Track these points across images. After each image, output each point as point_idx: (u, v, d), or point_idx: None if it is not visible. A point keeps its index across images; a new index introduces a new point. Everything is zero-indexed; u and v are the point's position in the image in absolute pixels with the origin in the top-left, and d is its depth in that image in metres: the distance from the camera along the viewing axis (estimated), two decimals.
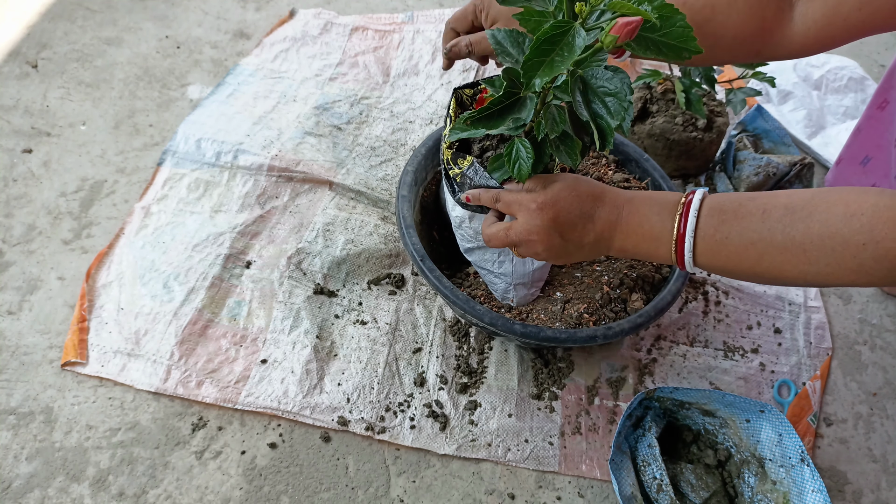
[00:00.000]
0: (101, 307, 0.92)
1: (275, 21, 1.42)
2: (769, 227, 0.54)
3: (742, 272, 0.58)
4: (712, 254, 0.58)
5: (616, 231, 0.64)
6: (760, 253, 0.55)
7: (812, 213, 0.52)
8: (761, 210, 0.55)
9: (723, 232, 0.57)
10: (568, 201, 0.64)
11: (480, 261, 0.84)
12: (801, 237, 0.52)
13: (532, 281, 0.83)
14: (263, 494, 0.79)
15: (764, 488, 0.79)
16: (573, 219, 0.64)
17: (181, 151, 1.12)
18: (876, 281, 0.51)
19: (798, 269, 0.53)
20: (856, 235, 0.49)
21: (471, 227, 0.79)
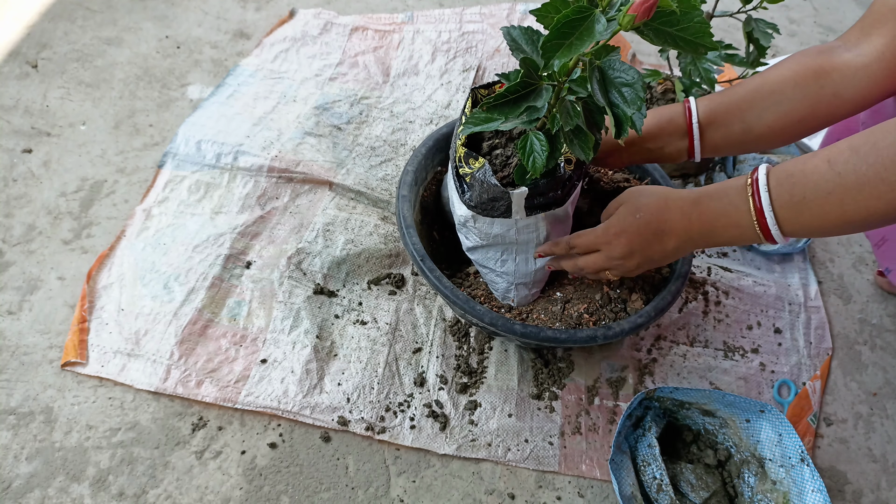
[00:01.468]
0: (102, 308, 0.92)
1: (275, 21, 1.42)
2: (839, 172, 0.54)
3: (831, 225, 0.57)
4: (796, 218, 0.58)
5: (694, 234, 0.66)
6: (840, 200, 0.55)
7: (876, 144, 0.52)
8: (826, 161, 0.55)
9: (798, 194, 0.57)
10: (635, 228, 0.68)
11: (483, 259, 0.84)
12: (877, 167, 0.52)
13: (533, 281, 0.83)
14: (263, 494, 0.79)
15: (764, 488, 0.79)
16: (647, 239, 0.68)
17: (182, 154, 1.12)
18: None
19: (882, 200, 0.53)
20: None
21: (475, 226, 0.79)
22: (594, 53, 0.55)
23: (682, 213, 0.66)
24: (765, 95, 0.73)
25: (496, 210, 0.73)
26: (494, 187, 0.71)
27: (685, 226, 0.66)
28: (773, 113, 0.73)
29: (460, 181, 0.75)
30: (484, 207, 0.74)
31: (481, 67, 1.35)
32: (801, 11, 1.72)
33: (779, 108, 0.72)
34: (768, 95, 0.73)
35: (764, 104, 0.73)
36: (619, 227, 0.69)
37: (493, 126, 0.62)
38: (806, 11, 1.73)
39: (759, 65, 1.03)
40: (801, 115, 0.72)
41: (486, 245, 0.81)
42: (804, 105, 0.72)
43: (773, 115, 0.73)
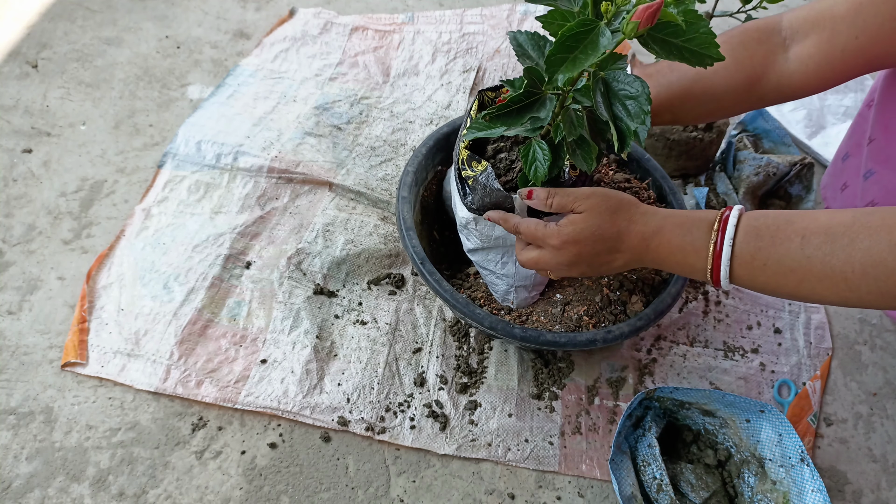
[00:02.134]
0: (102, 308, 0.92)
1: (275, 21, 1.42)
2: (808, 255, 0.53)
3: (780, 294, 0.57)
4: (750, 278, 0.58)
5: (646, 259, 0.65)
6: (799, 280, 0.54)
7: (853, 241, 0.51)
8: (800, 236, 0.53)
9: (760, 258, 0.56)
10: (591, 241, 0.64)
11: (483, 261, 0.84)
12: (842, 265, 0.51)
13: (533, 284, 0.83)
14: (263, 494, 0.79)
15: (764, 488, 0.79)
16: (597, 252, 0.65)
17: (181, 154, 1.12)
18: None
19: (838, 296, 0.53)
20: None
21: (476, 229, 0.79)
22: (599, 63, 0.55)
23: (642, 238, 0.64)
24: (697, 95, 0.73)
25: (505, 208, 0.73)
26: (497, 191, 0.70)
27: (641, 249, 0.64)
28: (704, 110, 0.75)
29: (462, 183, 0.75)
30: (486, 210, 0.74)
31: (482, 68, 1.35)
32: None
33: (708, 106, 0.74)
34: (700, 95, 0.73)
35: (695, 103, 0.74)
36: (574, 235, 0.65)
37: (496, 133, 0.62)
38: None
39: None
40: (729, 110, 0.75)
41: (487, 247, 0.81)
42: (733, 104, 0.74)
43: (703, 112, 0.75)
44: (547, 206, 0.67)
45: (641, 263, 0.66)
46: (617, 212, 0.65)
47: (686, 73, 0.73)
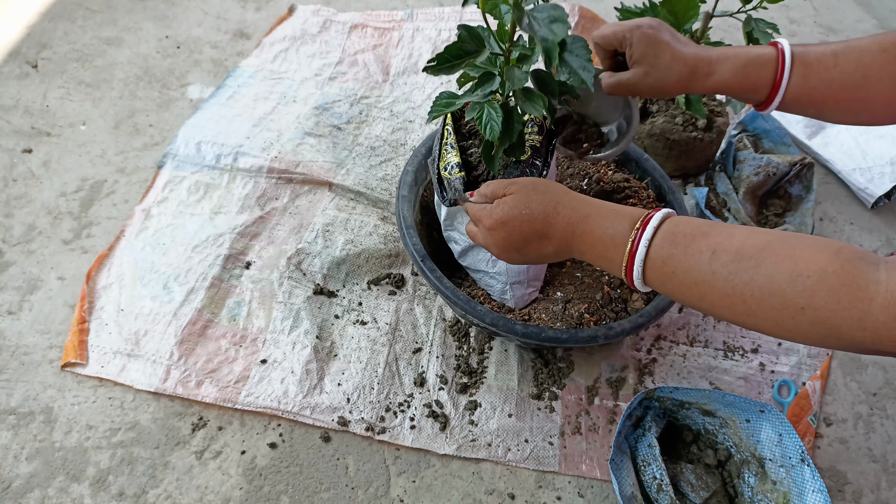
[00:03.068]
0: (102, 308, 0.92)
1: (274, 21, 1.42)
2: (713, 271, 0.52)
3: (686, 304, 0.57)
4: (659, 282, 0.57)
5: (573, 248, 0.64)
6: (702, 294, 0.53)
7: (759, 265, 0.50)
8: (711, 250, 0.53)
9: (670, 265, 0.55)
10: (518, 222, 0.64)
11: (474, 263, 0.84)
12: (742, 287, 0.50)
13: (528, 279, 0.83)
14: (263, 494, 0.79)
15: (764, 488, 0.79)
16: (526, 237, 0.65)
17: (181, 154, 1.12)
18: (812, 342, 0.49)
19: (737, 317, 0.52)
20: (796, 298, 0.47)
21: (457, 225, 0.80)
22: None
23: (568, 224, 0.63)
24: (855, 100, 0.69)
25: None
26: (459, 191, 0.74)
27: (567, 237, 0.64)
28: (853, 114, 0.70)
29: (441, 185, 0.77)
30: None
31: None
32: (801, 11, 1.72)
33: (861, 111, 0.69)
34: (858, 101, 0.69)
35: (849, 107, 0.70)
36: (503, 216, 0.65)
37: (454, 107, 0.68)
38: (806, 11, 1.73)
39: None
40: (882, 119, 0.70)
41: (475, 245, 0.81)
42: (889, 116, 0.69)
43: (852, 115, 0.70)
44: (482, 197, 0.69)
45: (570, 253, 0.65)
46: (545, 193, 0.65)
47: (852, 73, 0.68)
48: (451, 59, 0.65)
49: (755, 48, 0.72)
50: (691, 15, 0.95)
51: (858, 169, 1.22)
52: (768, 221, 1.15)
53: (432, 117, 0.69)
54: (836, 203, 1.22)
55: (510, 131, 0.68)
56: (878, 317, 0.43)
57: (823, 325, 0.46)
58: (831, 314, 0.46)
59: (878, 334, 0.44)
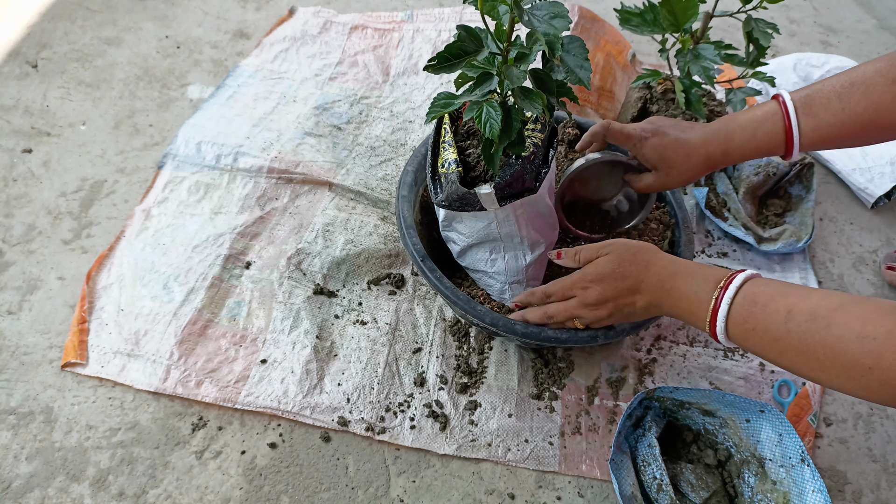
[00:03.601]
0: (102, 308, 0.92)
1: (274, 21, 1.42)
2: (789, 329, 0.57)
3: (769, 360, 0.61)
4: (740, 339, 0.62)
5: (662, 304, 0.70)
6: (781, 350, 0.58)
7: (830, 325, 0.53)
8: (787, 310, 0.57)
9: (750, 324, 0.60)
10: (612, 279, 0.72)
11: (473, 262, 0.84)
12: (815, 346, 0.54)
13: (527, 278, 0.83)
14: (263, 494, 0.79)
15: (764, 488, 0.79)
16: (621, 292, 0.72)
17: (181, 155, 1.12)
18: (883, 401, 0.52)
19: (814, 374, 0.56)
20: (864, 358, 0.50)
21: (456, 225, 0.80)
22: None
23: (658, 280, 0.70)
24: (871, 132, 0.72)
25: (469, 207, 0.75)
26: (459, 187, 0.73)
27: (657, 293, 0.70)
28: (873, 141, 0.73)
29: (436, 182, 0.77)
30: (458, 205, 0.75)
31: None
32: (801, 11, 1.72)
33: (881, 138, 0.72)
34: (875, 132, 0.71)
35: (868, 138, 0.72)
36: (596, 274, 0.72)
37: (453, 107, 0.69)
38: (806, 11, 1.73)
39: (759, 64, 1.03)
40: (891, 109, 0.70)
41: (473, 245, 0.81)
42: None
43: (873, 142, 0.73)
44: (575, 262, 0.77)
45: (659, 309, 0.72)
46: (637, 253, 0.72)
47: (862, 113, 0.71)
48: (451, 59, 0.66)
49: (758, 109, 0.76)
50: (691, 15, 0.95)
51: (858, 169, 1.22)
52: (768, 222, 1.15)
53: (431, 117, 0.70)
54: (836, 203, 1.22)
55: (509, 129, 0.69)
56: None
57: (891, 385, 0.49)
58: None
59: None
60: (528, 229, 0.78)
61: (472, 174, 0.77)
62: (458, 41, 0.65)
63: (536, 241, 0.80)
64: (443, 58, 0.65)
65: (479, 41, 0.66)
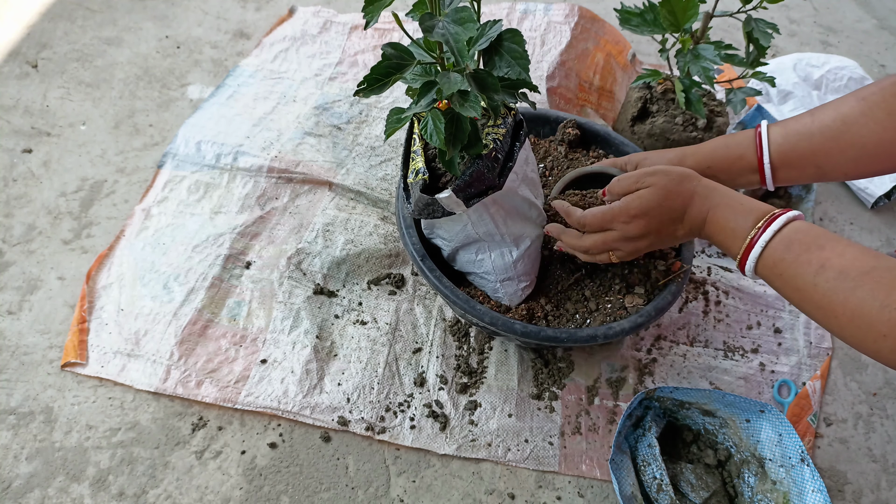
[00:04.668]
0: (102, 308, 0.92)
1: (274, 21, 1.42)
2: (815, 283, 0.58)
3: (787, 300, 0.63)
4: (767, 278, 0.64)
5: (703, 232, 0.71)
6: (802, 298, 0.60)
7: (856, 288, 0.55)
8: (820, 264, 0.58)
9: (780, 269, 0.61)
10: (658, 212, 0.71)
11: (463, 265, 0.84)
12: (837, 305, 0.56)
13: (517, 274, 0.83)
14: (263, 494, 0.79)
15: (764, 488, 0.79)
16: (665, 223, 0.71)
17: (181, 154, 1.12)
18: (891, 365, 0.53)
19: (828, 325, 0.58)
20: (881, 325, 0.52)
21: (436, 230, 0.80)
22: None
23: (700, 212, 0.70)
24: (844, 147, 0.72)
25: (437, 212, 0.74)
26: (421, 195, 0.73)
27: (698, 223, 0.70)
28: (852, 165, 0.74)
29: (406, 192, 0.77)
30: (427, 212, 0.75)
31: None
32: (801, 11, 1.72)
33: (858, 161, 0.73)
34: (847, 148, 0.72)
35: (841, 156, 0.73)
36: (640, 208, 0.71)
37: (404, 122, 0.69)
38: (806, 11, 1.73)
39: (759, 64, 1.03)
40: (883, 166, 0.73)
41: (459, 248, 0.81)
42: (887, 158, 0.72)
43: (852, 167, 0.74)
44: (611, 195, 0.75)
45: (698, 235, 0.72)
46: (681, 183, 0.71)
47: (830, 124, 0.73)
48: (381, 78, 0.65)
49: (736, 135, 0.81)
50: (690, 15, 0.95)
51: None
52: None
53: (387, 135, 0.70)
54: (836, 203, 1.22)
55: (460, 134, 0.69)
56: None
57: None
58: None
59: None
60: (507, 225, 0.78)
61: (443, 180, 0.76)
62: (383, 59, 0.65)
63: (519, 235, 0.80)
64: (372, 80, 0.65)
65: (409, 54, 0.66)
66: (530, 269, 0.85)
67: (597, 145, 1.03)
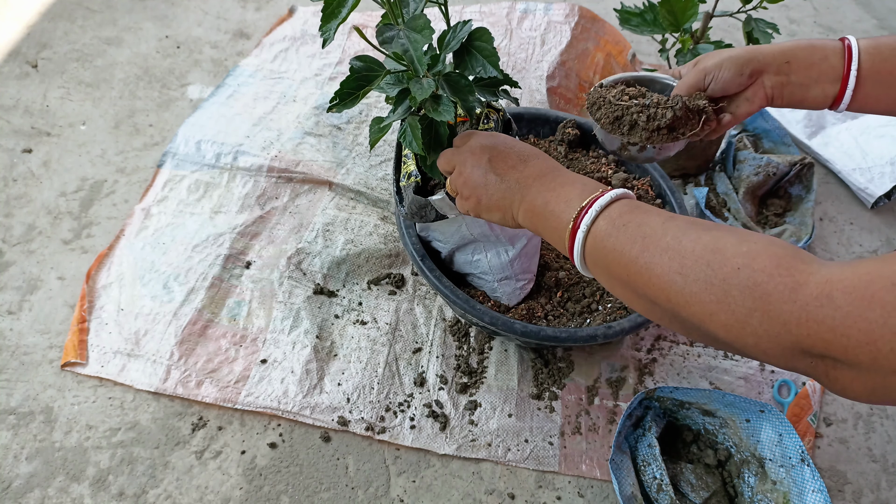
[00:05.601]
0: (101, 308, 0.92)
1: (274, 21, 1.42)
2: (665, 227, 0.50)
3: (620, 266, 0.52)
4: (604, 236, 0.53)
5: (536, 183, 0.61)
6: (644, 246, 0.50)
7: (712, 229, 0.49)
8: (669, 216, 0.52)
9: (624, 219, 0.53)
10: (509, 140, 0.65)
11: (461, 265, 0.85)
12: (687, 243, 0.48)
13: (515, 273, 0.83)
14: (263, 494, 0.79)
15: (764, 488, 0.79)
16: (508, 152, 0.64)
17: (181, 153, 1.12)
18: (729, 315, 0.45)
19: (666, 277, 0.48)
20: (737, 257, 0.45)
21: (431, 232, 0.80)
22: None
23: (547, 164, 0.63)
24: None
25: (429, 215, 0.74)
26: (416, 198, 0.73)
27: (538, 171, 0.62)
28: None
29: (399, 195, 0.77)
30: (420, 216, 0.75)
31: None
32: (801, 11, 1.72)
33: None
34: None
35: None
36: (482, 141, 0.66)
37: (387, 130, 0.68)
38: (806, 11, 1.73)
39: None
40: None
41: (455, 249, 0.81)
42: None
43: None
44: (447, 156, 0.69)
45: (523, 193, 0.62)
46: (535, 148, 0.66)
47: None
48: (352, 91, 0.65)
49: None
50: (690, 15, 0.95)
51: (858, 169, 1.22)
52: (768, 221, 1.15)
53: (372, 144, 0.69)
54: (836, 203, 1.22)
55: (438, 139, 0.69)
56: (811, 290, 0.41)
57: (754, 290, 0.43)
58: (767, 278, 0.43)
59: (806, 310, 0.41)
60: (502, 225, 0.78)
61: (433, 182, 0.77)
62: (351, 73, 0.64)
63: (514, 234, 0.80)
64: (343, 94, 0.64)
65: (378, 64, 0.65)
66: (528, 267, 0.85)
67: (596, 145, 1.03)
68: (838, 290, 0.40)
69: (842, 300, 0.39)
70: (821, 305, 0.40)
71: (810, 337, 0.40)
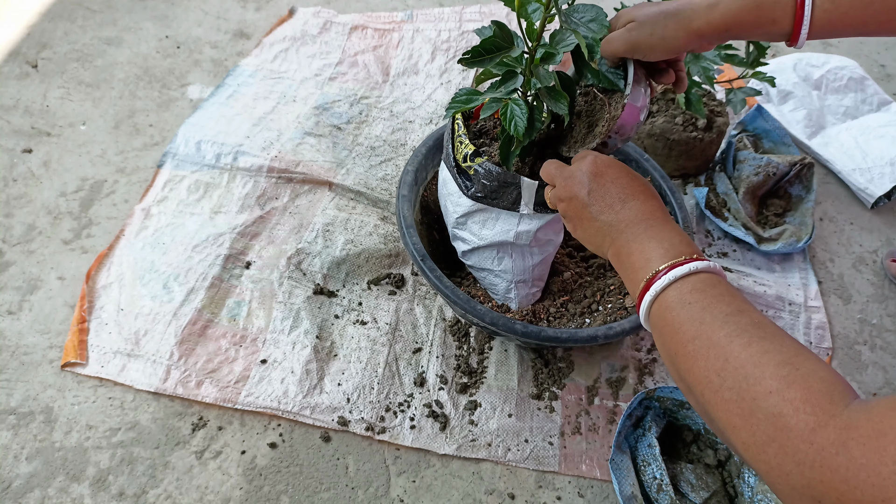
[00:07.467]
0: (101, 308, 0.92)
1: (274, 21, 1.42)
2: (725, 321, 0.48)
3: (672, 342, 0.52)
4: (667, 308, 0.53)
5: (627, 230, 0.60)
6: (698, 333, 0.49)
7: (764, 339, 0.46)
8: (737, 309, 0.49)
9: (694, 296, 0.52)
10: (616, 173, 0.63)
11: (479, 261, 0.84)
12: (736, 347, 0.46)
13: (532, 278, 0.83)
14: (263, 494, 0.79)
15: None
16: (609, 187, 0.62)
17: (181, 153, 1.12)
18: (749, 437, 0.43)
19: (705, 373, 0.47)
20: (773, 380, 0.43)
21: (470, 227, 0.79)
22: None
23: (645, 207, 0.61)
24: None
25: (505, 199, 0.73)
26: (502, 173, 0.71)
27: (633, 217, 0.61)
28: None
29: (463, 176, 0.76)
30: (493, 197, 0.74)
31: None
32: None
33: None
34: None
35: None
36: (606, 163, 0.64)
37: (475, 104, 0.69)
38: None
39: (759, 64, 1.03)
40: None
41: (483, 246, 0.81)
42: None
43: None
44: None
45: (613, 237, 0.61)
46: (646, 181, 0.64)
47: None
48: (485, 53, 0.65)
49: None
50: None
51: (858, 169, 1.22)
52: (768, 222, 1.15)
53: (450, 112, 0.70)
54: (836, 203, 1.22)
55: (532, 127, 0.69)
56: (829, 435, 0.39)
57: (776, 420, 0.42)
58: (792, 412, 0.41)
59: (822, 455, 0.39)
60: (546, 230, 0.78)
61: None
62: (493, 36, 0.65)
63: (547, 241, 0.80)
64: (477, 52, 0.65)
65: (511, 39, 0.66)
66: (543, 274, 0.85)
67: None
68: (854, 438, 0.38)
69: (857, 451, 0.37)
70: (836, 453, 0.38)
71: (823, 484, 0.38)
